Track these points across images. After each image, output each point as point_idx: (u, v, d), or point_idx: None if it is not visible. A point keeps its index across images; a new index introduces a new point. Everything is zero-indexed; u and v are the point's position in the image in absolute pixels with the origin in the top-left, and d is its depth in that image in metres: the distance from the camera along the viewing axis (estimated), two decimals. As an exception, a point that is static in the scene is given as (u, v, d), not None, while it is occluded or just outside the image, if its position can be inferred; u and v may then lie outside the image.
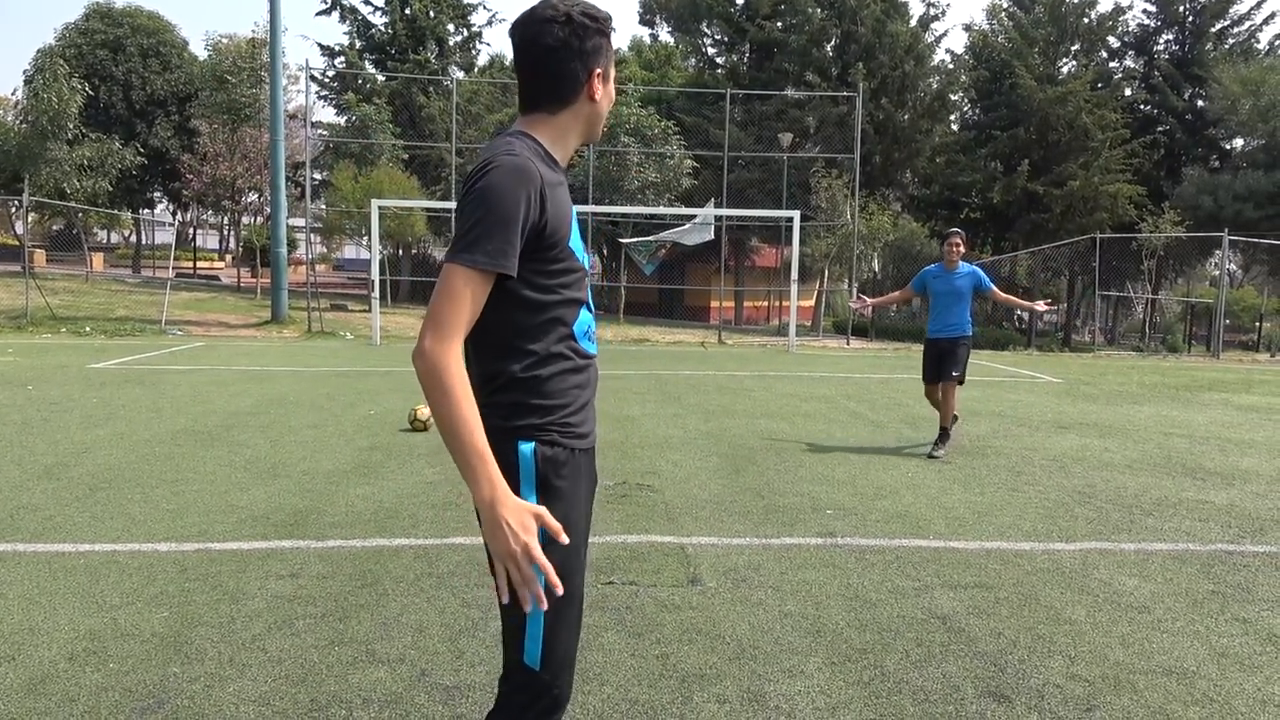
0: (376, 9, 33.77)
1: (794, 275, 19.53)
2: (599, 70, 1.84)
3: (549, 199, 1.73)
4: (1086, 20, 29.60)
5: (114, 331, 17.82)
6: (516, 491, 1.71)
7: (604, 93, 1.87)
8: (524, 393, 1.75)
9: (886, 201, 29.86)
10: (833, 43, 30.61)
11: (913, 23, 30.77)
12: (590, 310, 1.88)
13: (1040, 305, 7.84)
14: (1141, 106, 30.99)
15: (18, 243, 35.44)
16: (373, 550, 4.42)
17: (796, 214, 19.93)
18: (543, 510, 1.65)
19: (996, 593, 4.03)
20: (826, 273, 25.89)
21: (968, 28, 31.78)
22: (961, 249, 7.44)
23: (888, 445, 7.60)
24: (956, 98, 32.03)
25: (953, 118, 32.60)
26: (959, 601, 3.90)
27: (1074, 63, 29.72)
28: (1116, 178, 26.96)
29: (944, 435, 7.31)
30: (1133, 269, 29.13)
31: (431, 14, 33.41)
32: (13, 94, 34.92)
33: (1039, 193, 26.76)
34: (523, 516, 1.61)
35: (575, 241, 1.82)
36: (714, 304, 29.56)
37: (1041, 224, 27.24)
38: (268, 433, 7.40)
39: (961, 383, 7.42)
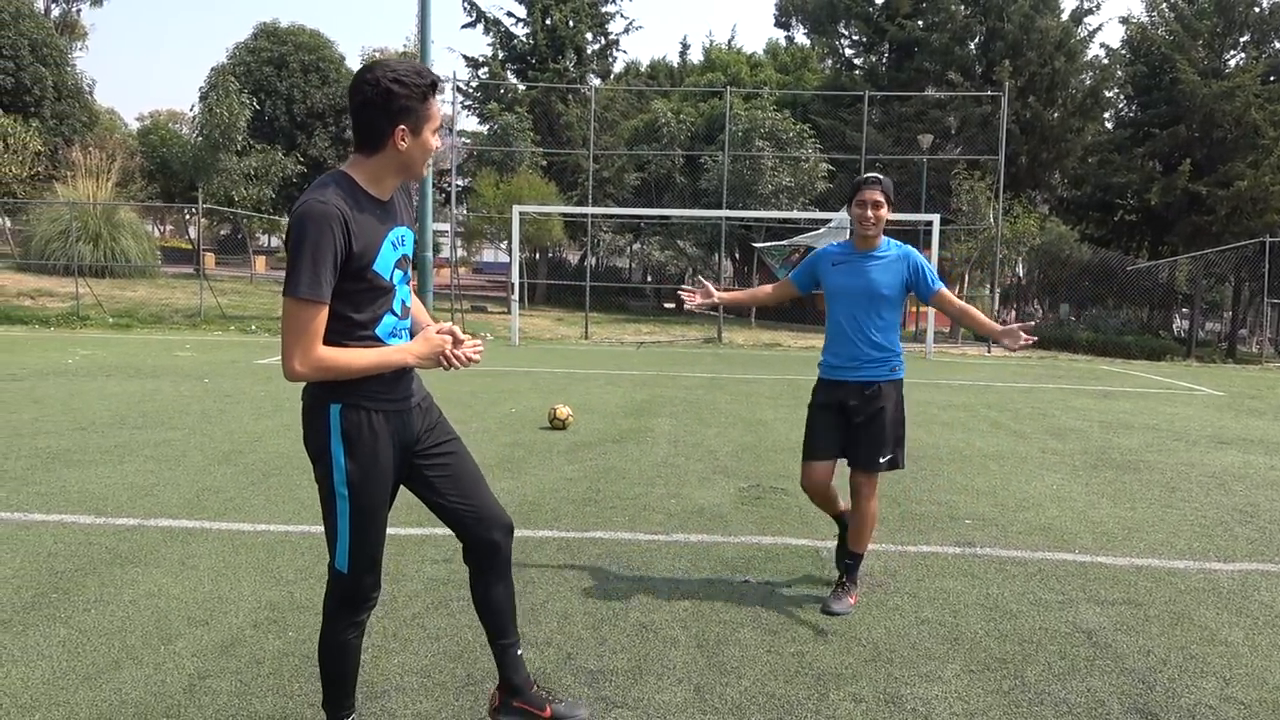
0: (519, 20, 34.85)
1: (932, 280, 18.99)
2: (404, 127, 2.23)
3: (354, 232, 2.21)
4: (1257, 10, 27.60)
5: (277, 330, 19.07)
6: (327, 440, 2.34)
7: (413, 144, 2.26)
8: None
9: (1033, 204, 28.65)
10: (976, 40, 29.61)
11: (1064, 17, 29.44)
12: (397, 315, 2.41)
13: (1020, 336, 3.81)
14: (1321, 100, 28.62)
15: (191, 247, 38.32)
16: (518, 541, 4.60)
17: (936, 217, 19.45)
18: (429, 337, 2.39)
19: (1146, 610, 3.90)
20: (967, 278, 25.11)
21: (1125, 20, 30.02)
22: (885, 212, 3.88)
23: (1031, 456, 7.37)
24: (1111, 94, 30.41)
25: (1107, 115, 30.97)
26: (1106, 617, 3.81)
27: (1242, 55, 27.72)
28: (1290, 177, 25.03)
29: (854, 565, 3.96)
30: (1308, 275, 26.95)
31: (571, 24, 34.21)
32: (191, 110, 37.75)
33: (1202, 194, 25.11)
34: (427, 345, 2.36)
35: (381, 264, 2.30)
36: (847, 309, 29.03)
37: (1204, 227, 25.55)
38: (418, 427, 7.81)
39: (898, 466, 3.97)
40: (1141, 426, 9.23)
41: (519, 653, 2.75)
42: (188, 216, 45.72)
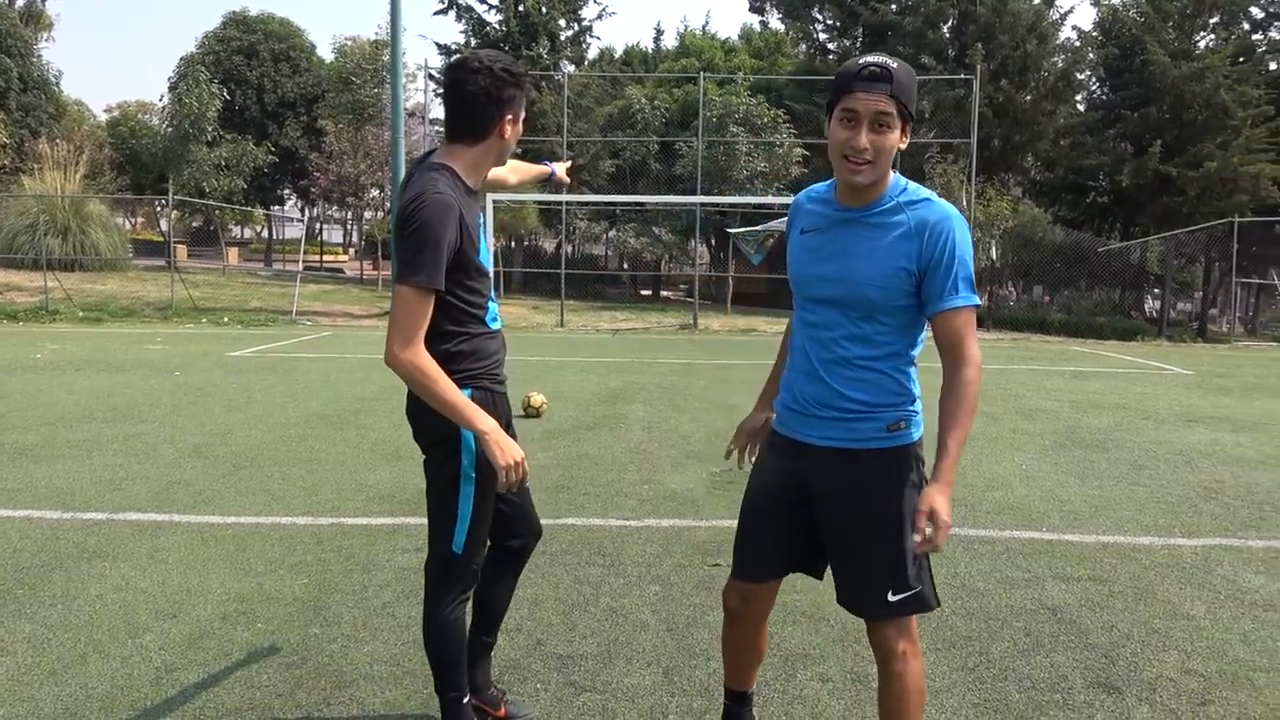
0: (491, 7, 34.53)
1: (907, 264, 19.09)
2: (510, 116, 2.33)
3: (466, 227, 2.26)
4: (1227, -10, 27.84)
5: (249, 321, 18.92)
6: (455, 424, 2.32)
7: (512, 132, 2.36)
8: (463, 358, 2.36)
9: (1006, 187, 28.83)
10: (949, 24, 29.70)
11: (1036, 0, 29.58)
12: (494, 300, 2.50)
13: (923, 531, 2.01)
14: (1288, 81, 28.92)
15: (162, 239, 37.90)
16: (491, 528, 4.64)
17: (910, 201, 19.51)
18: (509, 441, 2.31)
19: (1111, 586, 3.96)
20: (941, 261, 25.20)
21: (1096, 3, 30.15)
22: (896, 138, 2.01)
23: (1001, 436, 7.44)
24: (1083, 77, 30.57)
25: (1079, 98, 31.15)
26: (1071, 594, 3.86)
27: (1212, 36, 27.97)
28: (1259, 158, 25.26)
29: None
30: (1276, 254, 27.33)
31: (543, 10, 33.97)
32: (160, 100, 37.28)
33: (1172, 175, 25.34)
34: (508, 438, 2.29)
35: (483, 254, 2.38)
36: (824, 294, 29.07)
37: (1175, 208, 25.80)
38: (391, 417, 7.79)
39: (927, 605, 2.23)
40: (1111, 406, 9.34)
41: (491, 653, 2.79)
42: (159, 208, 45.21)
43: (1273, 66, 28.21)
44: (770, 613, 2.51)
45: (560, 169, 3.24)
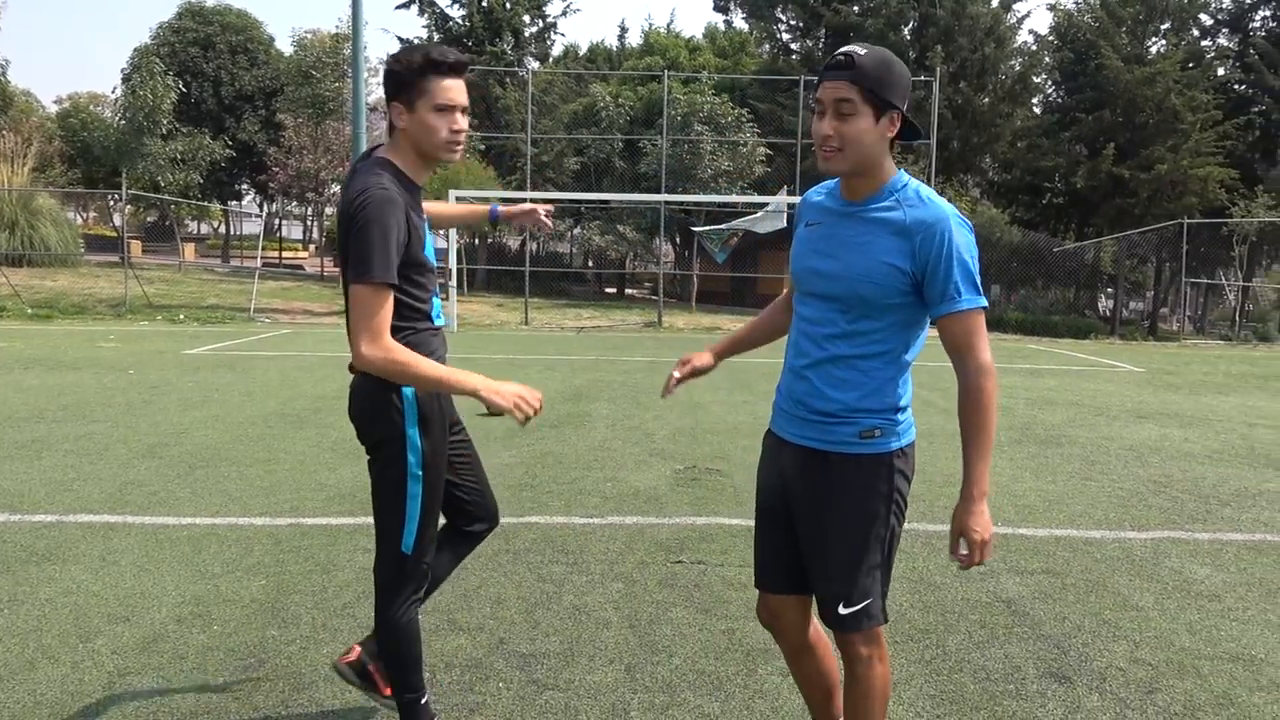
0: (454, 2, 34.32)
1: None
2: (398, 104, 2.29)
3: (412, 221, 2.27)
4: (1177, -3, 28.45)
5: (206, 319, 18.61)
6: (401, 420, 2.34)
7: (410, 120, 2.29)
8: None
9: (964, 188, 29.22)
10: (910, 26, 30.03)
11: (994, 3, 30.00)
12: (437, 296, 2.48)
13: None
14: (1235, 86, 29.58)
15: (116, 234, 37.16)
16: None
17: (870, 201, 19.70)
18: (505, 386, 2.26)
19: (1064, 579, 4.04)
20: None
21: (1052, 7, 30.70)
22: (866, 124, 1.99)
23: (958, 433, 7.53)
24: (1039, 80, 31.09)
25: (1035, 101, 31.69)
26: (1025, 586, 3.94)
27: (1163, 42, 28.57)
28: (1207, 161, 25.88)
29: None
30: (1223, 255, 27.98)
31: (508, 5, 33.82)
32: (112, 92, 36.52)
33: (1125, 177, 25.87)
34: (501, 384, 2.25)
35: (428, 249, 2.37)
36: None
37: (1127, 209, 26.33)
38: (352, 416, 7.71)
39: (873, 619, 2.17)
40: (1065, 403, 9.52)
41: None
42: (112, 203, 44.34)
43: (1221, 72, 28.88)
44: (809, 629, 2.34)
45: (540, 212, 3.00)
